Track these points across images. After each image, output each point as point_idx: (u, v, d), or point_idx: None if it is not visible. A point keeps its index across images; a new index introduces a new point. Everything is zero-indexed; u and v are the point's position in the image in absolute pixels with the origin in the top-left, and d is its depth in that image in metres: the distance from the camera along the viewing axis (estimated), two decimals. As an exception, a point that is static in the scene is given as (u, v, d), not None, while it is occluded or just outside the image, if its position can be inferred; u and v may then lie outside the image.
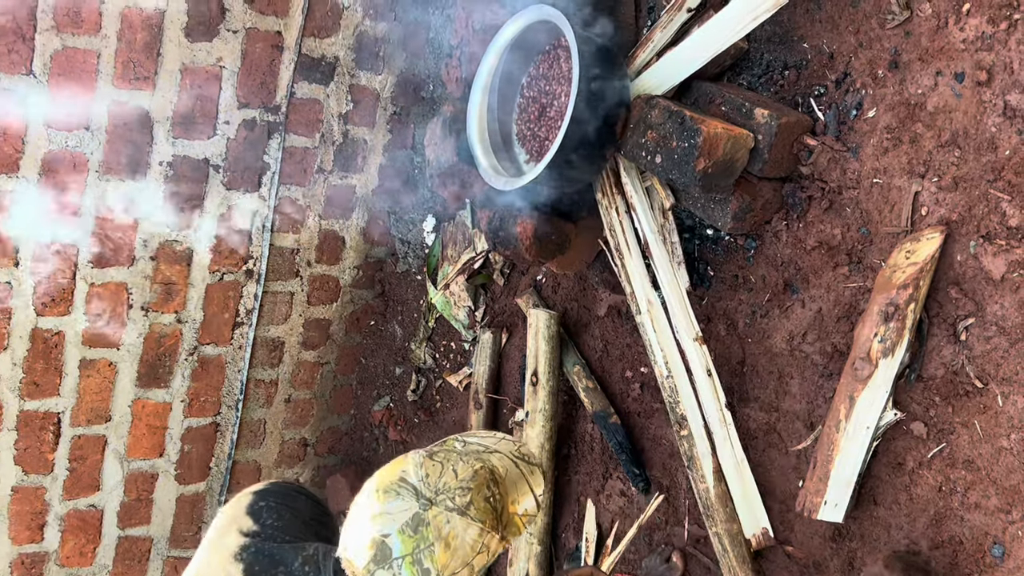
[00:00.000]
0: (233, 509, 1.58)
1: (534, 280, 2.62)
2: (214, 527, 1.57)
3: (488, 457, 1.43)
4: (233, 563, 1.49)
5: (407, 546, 1.31)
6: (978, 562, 1.60)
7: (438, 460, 1.38)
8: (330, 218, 3.01)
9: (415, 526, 1.31)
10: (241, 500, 1.60)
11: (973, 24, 1.61)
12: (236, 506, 1.59)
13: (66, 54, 2.43)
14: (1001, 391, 1.57)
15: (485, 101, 2.30)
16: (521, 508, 1.44)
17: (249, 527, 1.53)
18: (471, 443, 1.46)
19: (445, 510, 1.32)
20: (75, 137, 2.52)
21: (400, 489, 1.34)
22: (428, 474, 1.35)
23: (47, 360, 2.69)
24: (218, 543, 1.53)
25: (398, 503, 1.33)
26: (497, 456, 1.44)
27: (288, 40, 2.70)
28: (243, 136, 2.74)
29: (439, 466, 1.37)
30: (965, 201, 1.62)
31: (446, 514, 1.32)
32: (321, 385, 3.26)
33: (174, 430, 2.98)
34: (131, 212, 2.65)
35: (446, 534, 1.32)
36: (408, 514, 1.32)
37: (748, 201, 1.89)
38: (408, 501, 1.33)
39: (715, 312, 2.00)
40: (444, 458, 1.38)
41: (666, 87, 1.96)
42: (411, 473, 1.36)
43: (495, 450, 1.45)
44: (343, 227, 3.05)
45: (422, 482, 1.34)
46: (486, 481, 1.38)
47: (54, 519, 2.86)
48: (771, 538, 1.90)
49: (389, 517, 1.32)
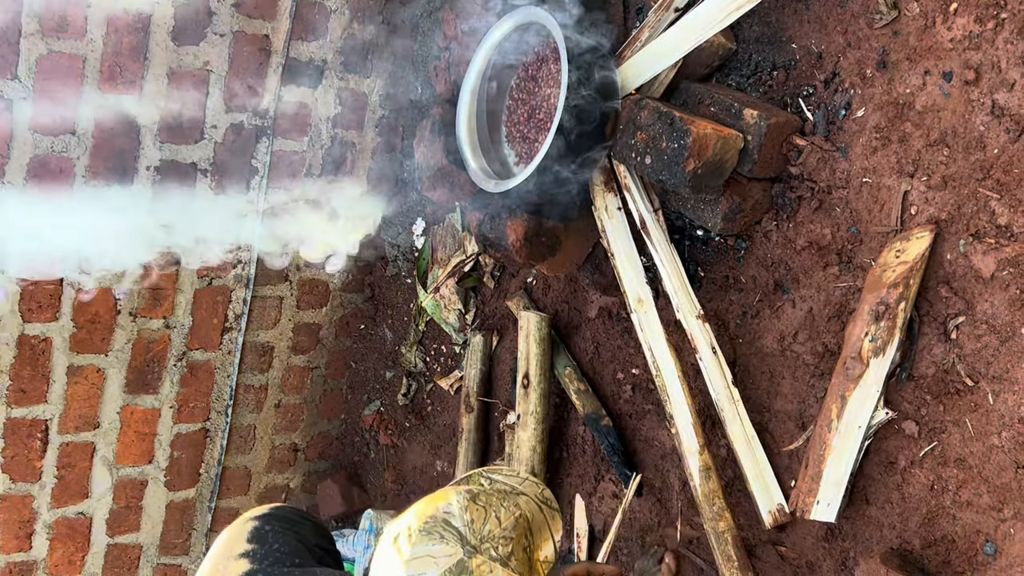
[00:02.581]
0: (235, 533, 1.56)
1: (524, 282, 2.61)
2: (215, 551, 1.55)
3: (517, 500, 1.40)
4: (241, 573, 1.47)
5: None
6: (970, 560, 1.61)
7: (481, 504, 1.35)
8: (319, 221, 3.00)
9: (458, 573, 1.28)
10: (244, 525, 1.58)
11: (961, 23, 1.61)
12: (239, 530, 1.56)
13: (51, 58, 2.41)
14: (992, 389, 1.57)
15: (474, 103, 2.29)
16: (543, 555, 1.41)
17: (253, 551, 1.51)
18: (497, 481, 1.43)
19: (489, 559, 1.30)
20: (61, 142, 2.50)
21: (444, 532, 1.31)
22: (473, 519, 1.33)
23: (34, 367, 2.67)
24: (221, 568, 1.51)
25: (442, 547, 1.30)
26: (524, 500, 1.41)
27: (276, 43, 2.69)
28: (231, 140, 2.73)
29: (483, 511, 1.34)
30: (954, 200, 1.63)
31: (489, 564, 1.30)
32: (311, 390, 3.25)
33: (163, 436, 2.96)
34: (118, 217, 2.64)
35: None
36: (452, 560, 1.29)
37: (738, 202, 1.89)
38: (453, 546, 1.30)
39: (705, 313, 1.99)
40: (486, 502, 1.36)
41: (648, 76, 1.96)
42: (456, 515, 1.33)
43: (521, 492, 1.42)
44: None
45: (467, 527, 1.32)
46: (525, 531, 1.36)
47: (42, 527, 2.83)
48: (787, 514, 1.88)
49: (432, 560, 1.29)
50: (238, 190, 2.79)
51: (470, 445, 2.71)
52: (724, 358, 1.96)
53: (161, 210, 2.68)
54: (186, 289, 2.82)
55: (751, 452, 1.93)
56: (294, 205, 2.88)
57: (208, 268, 2.83)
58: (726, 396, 1.94)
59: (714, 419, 1.99)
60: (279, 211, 2.87)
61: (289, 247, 2.93)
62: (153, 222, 2.68)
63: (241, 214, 2.82)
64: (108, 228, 2.63)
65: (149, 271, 2.72)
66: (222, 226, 2.80)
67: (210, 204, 2.76)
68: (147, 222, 2.67)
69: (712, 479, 1.93)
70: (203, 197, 2.74)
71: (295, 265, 3.00)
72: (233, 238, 2.84)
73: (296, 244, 2.90)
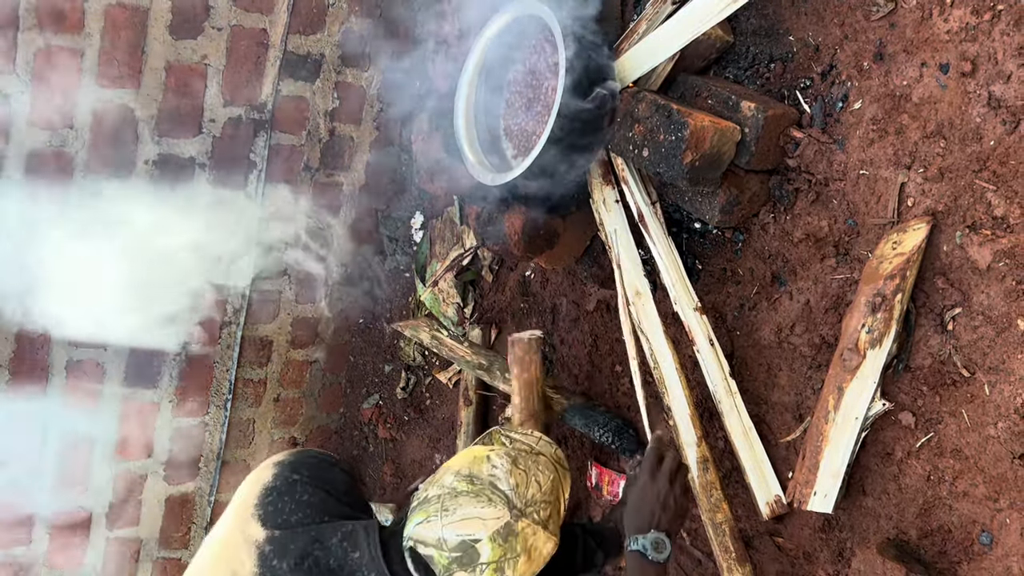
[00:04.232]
0: (254, 488, 1.54)
1: (523, 276, 2.62)
2: (243, 498, 1.53)
3: (538, 460, 1.43)
4: (263, 537, 1.46)
5: (496, 553, 1.32)
6: (966, 550, 1.61)
7: (522, 468, 1.39)
8: (317, 216, 3.00)
9: (506, 535, 1.33)
10: (272, 469, 1.56)
11: (957, 15, 1.62)
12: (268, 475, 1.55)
13: (49, 52, 2.41)
14: (988, 380, 1.58)
15: (472, 96, 2.29)
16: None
17: (275, 510, 1.49)
18: (516, 440, 1.46)
19: (532, 523, 1.35)
20: (59, 136, 2.50)
21: (493, 495, 1.35)
22: (518, 484, 1.37)
23: (33, 361, 2.67)
24: (243, 517, 1.50)
25: (491, 510, 1.34)
26: (543, 460, 1.44)
27: (273, 37, 2.69)
28: (229, 134, 2.73)
29: (525, 475, 1.38)
30: (951, 192, 1.63)
31: (533, 527, 1.35)
32: (310, 384, 3.25)
33: (162, 430, 2.96)
34: (117, 211, 2.64)
35: (529, 546, 1.34)
36: (501, 523, 1.33)
37: (735, 194, 1.89)
38: (500, 509, 1.34)
39: (703, 305, 2.00)
40: (526, 467, 1.40)
41: (646, 68, 1.96)
42: (501, 479, 1.37)
43: (539, 452, 1.45)
44: (330, 225, 3.04)
45: (513, 492, 1.36)
46: (557, 494, 1.40)
47: (42, 521, 2.84)
48: (784, 505, 1.88)
49: (480, 522, 1.33)
50: (236, 184, 2.79)
51: (469, 438, 2.71)
52: (722, 350, 1.97)
53: (159, 204, 2.69)
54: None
55: (748, 444, 1.93)
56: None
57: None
58: (723, 388, 1.95)
59: (712, 411, 2.00)
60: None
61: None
62: (151, 216, 2.68)
63: (239, 208, 2.83)
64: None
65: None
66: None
67: (208, 198, 2.76)
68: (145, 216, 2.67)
69: (710, 470, 1.94)
70: (201, 191, 2.74)
71: (293, 259, 3.01)
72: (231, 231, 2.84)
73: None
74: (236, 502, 1.55)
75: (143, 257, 2.70)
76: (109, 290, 2.66)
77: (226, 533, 1.52)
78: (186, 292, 2.82)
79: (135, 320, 2.75)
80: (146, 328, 2.75)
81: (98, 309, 2.67)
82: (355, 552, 1.42)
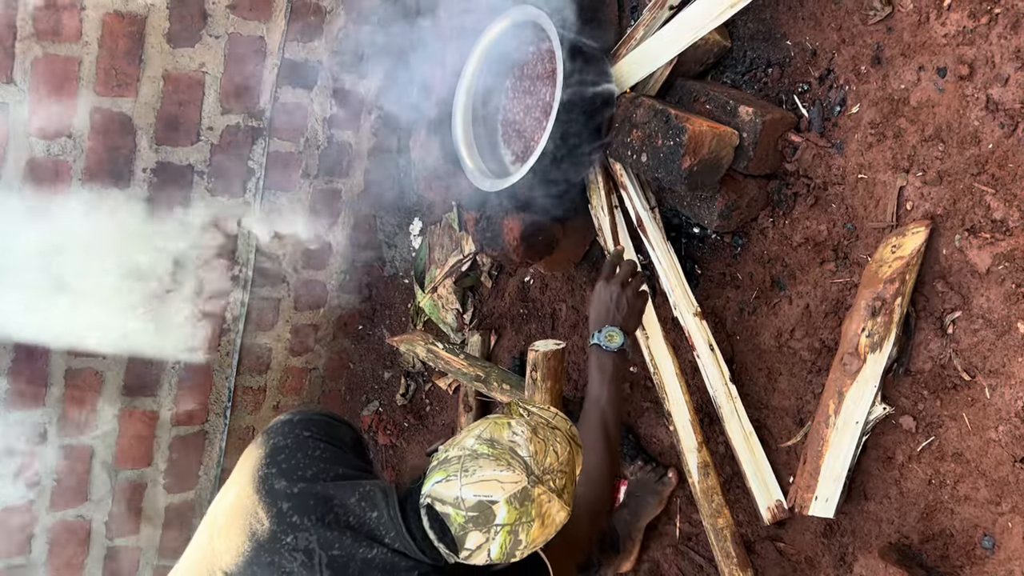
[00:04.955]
0: (273, 437, 1.53)
1: (522, 281, 2.62)
2: (253, 459, 1.52)
3: (554, 434, 1.45)
4: (281, 493, 1.46)
5: (511, 516, 1.34)
6: (969, 554, 1.61)
7: (541, 438, 1.41)
8: (316, 223, 2.99)
9: (522, 500, 1.34)
10: (282, 428, 1.55)
11: (954, 19, 1.62)
12: (276, 434, 1.54)
13: (47, 61, 2.41)
14: (988, 383, 1.58)
15: (470, 102, 2.29)
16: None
17: (290, 466, 1.48)
18: (534, 414, 1.47)
19: (548, 490, 1.36)
20: (57, 144, 2.50)
21: (512, 460, 1.36)
22: (536, 452, 1.38)
23: (32, 370, 2.67)
24: (256, 475, 1.48)
25: (509, 473, 1.35)
26: (559, 434, 1.45)
27: (271, 45, 2.69)
28: (227, 142, 2.73)
29: (544, 444, 1.40)
30: (950, 195, 1.63)
31: (548, 494, 1.36)
32: (309, 391, 3.24)
33: (162, 439, 2.96)
34: (115, 220, 2.63)
35: (543, 512, 1.36)
36: (518, 487, 1.34)
37: (734, 199, 1.89)
38: (519, 474, 1.35)
39: (703, 310, 2.00)
40: (545, 436, 1.42)
41: (643, 74, 1.97)
42: (521, 445, 1.39)
43: (556, 427, 1.46)
44: (329, 232, 3.04)
45: (532, 458, 1.37)
46: (573, 466, 1.43)
47: (41, 531, 2.83)
48: (785, 510, 1.88)
49: (499, 484, 1.34)
50: (235, 192, 2.79)
51: (469, 444, 2.70)
52: (722, 355, 1.97)
53: (158, 212, 2.68)
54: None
55: (749, 449, 1.93)
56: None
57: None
58: (724, 393, 1.94)
59: (712, 416, 2.00)
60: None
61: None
62: (149, 224, 2.68)
63: (238, 215, 2.82)
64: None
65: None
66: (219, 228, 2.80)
67: (206, 206, 2.75)
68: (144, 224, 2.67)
69: (711, 476, 1.94)
70: (199, 199, 2.74)
71: (292, 267, 3.00)
72: (231, 240, 2.84)
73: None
74: (245, 464, 1.54)
75: (141, 265, 2.70)
76: (108, 299, 2.66)
77: (238, 494, 1.51)
78: (184, 299, 2.82)
79: (134, 329, 2.75)
80: (145, 337, 2.74)
81: (97, 319, 2.66)
82: (373, 512, 1.44)
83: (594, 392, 1.73)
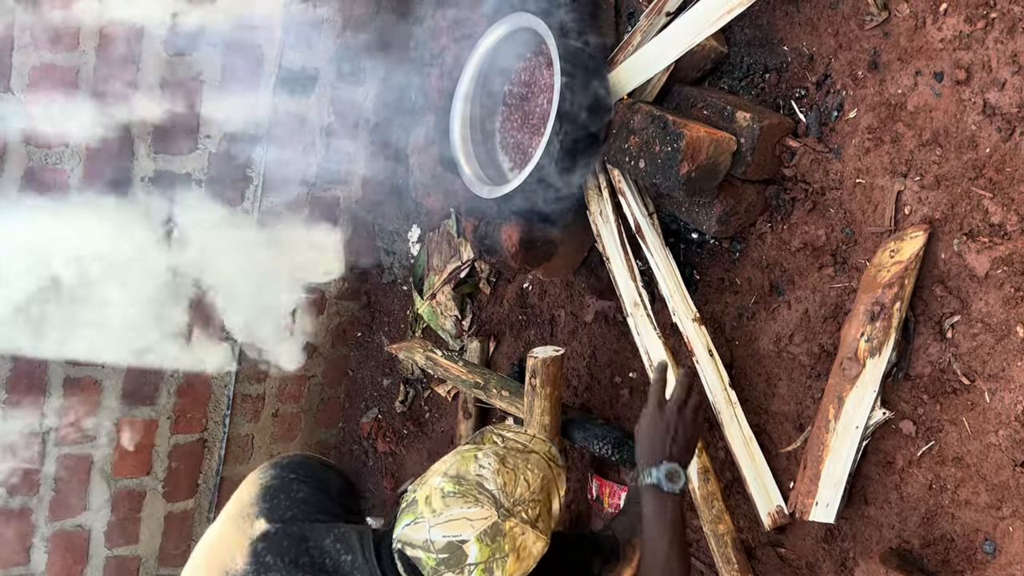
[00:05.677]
0: (251, 488, 1.55)
1: (520, 288, 2.62)
2: (239, 499, 1.54)
3: (529, 459, 1.42)
4: (257, 533, 1.46)
5: (483, 554, 1.32)
6: (970, 559, 1.61)
7: (510, 467, 1.38)
8: (314, 230, 2.99)
9: (493, 535, 1.32)
10: (262, 474, 1.57)
11: (951, 23, 1.62)
12: (255, 483, 1.56)
13: (44, 70, 2.41)
14: (988, 387, 1.58)
15: (467, 109, 2.29)
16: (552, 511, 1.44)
17: (271, 507, 1.49)
18: (509, 439, 1.45)
19: (520, 522, 1.34)
20: (55, 154, 2.50)
21: (480, 496, 1.34)
22: (505, 483, 1.36)
23: (30, 379, 2.66)
24: (235, 528, 1.50)
25: (477, 510, 1.33)
26: (535, 458, 1.43)
27: (269, 53, 2.70)
28: (225, 150, 2.73)
29: (512, 475, 1.37)
30: (948, 199, 1.63)
31: (521, 526, 1.34)
32: (308, 398, 3.24)
33: (161, 447, 2.95)
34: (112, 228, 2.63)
35: (519, 546, 1.33)
36: (488, 523, 1.33)
37: (732, 204, 1.89)
38: (488, 509, 1.33)
39: (702, 315, 2.00)
40: (514, 465, 1.39)
41: (640, 80, 1.97)
42: (488, 478, 1.36)
43: (532, 450, 1.44)
44: (328, 239, 3.04)
45: (500, 491, 1.35)
46: (548, 492, 1.40)
47: (40, 540, 2.82)
48: (786, 515, 1.88)
49: (468, 523, 1.32)
50: (233, 200, 2.79)
51: (468, 451, 2.70)
52: (721, 360, 1.97)
53: (155, 221, 2.68)
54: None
55: (749, 454, 1.93)
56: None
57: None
58: (723, 398, 1.94)
59: (712, 421, 1.99)
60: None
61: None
62: (148, 233, 2.68)
63: (236, 223, 2.82)
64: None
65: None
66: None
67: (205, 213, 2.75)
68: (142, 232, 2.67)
69: (711, 481, 1.94)
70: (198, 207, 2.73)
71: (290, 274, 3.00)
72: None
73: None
74: (232, 503, 1.56)
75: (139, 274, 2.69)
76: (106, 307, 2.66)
77: (220, 532, 1.53)
78: (183, 309, 2.81)
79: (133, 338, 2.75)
80: (144, 346, 2.74)
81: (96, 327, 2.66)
82: (348, 555, 1.43)
83: (658, 546, 1.47)
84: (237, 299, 2.79)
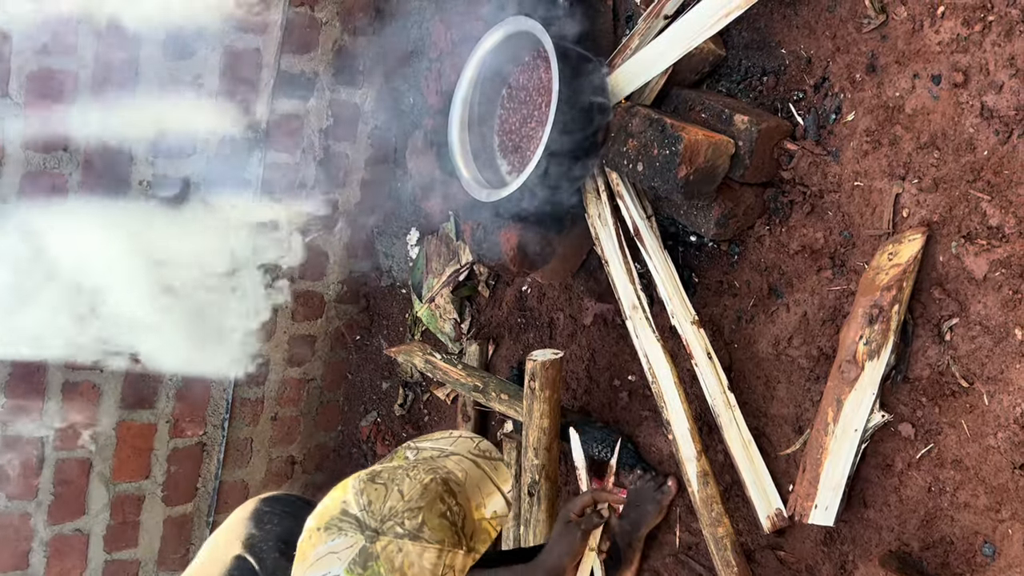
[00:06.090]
0: (237, 518, 1.57)
1: (519, 291, 2.62)
2: (220, 529, 1.56)
3: (444, 463, 1.32)
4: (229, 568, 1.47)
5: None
6: (969, 562, 1.61)
7: (381, 482, 1.27)
8: (313, 234, 2.99)
9: (363, 562, 1.21)
10: (246, 508, 1.58)
11: (948, 27, 1.62)
12: (240, 515, 1.58)
13: (42, 75, 2.41)
14: (987, 390, 1.58)
15: (466, 113, 2.30)
16: (489, 511, 1.33)
17: (250, 536, 1.50)
18: (425, 449, 1.37)
19: (395, 538, 1.22)
20: (53, 158, 2.50)
21: (342, 523, 1.24)
22: (371, 501, 1.25)
23: (29, 383, 2.66)
24: (222, 547, 1.52)
25: (341, 539, 1.22)
26: (454, 460, 1.34)
27: (267, 56, 2.70)
28: (224, 153, 2.73)
29: (382, 488, 1.26)
30: (946, 202, 1.63)
31: (396, 542, 1.22)
32: (307, 402, 3.24)
33: (160, 451, 2.95)
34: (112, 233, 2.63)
35: (400, 564, 1.21)
36: (354, 550, 1.21)
37: (730, 207, 1.89)
38: (352, 535, 1.22)
39: (700, 318, 2.00)
40: (388, 478, 1.27)
41: (638, 83, 1.97)
42: (352, 503, 1.25)
43: (452, 452, 1.35)
44: (326, 242, 3.04)
45: (364, 511, 1.24)
46: (438, 495, 1.27)
47: (39, 545, 2.82)
48: (785, 518, 1.87)
49: (334, 557, 1.22)
50: (231, 203, 2.79)
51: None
52: (720, 363, 1.97)
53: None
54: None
55: (748, 457, 1.93)
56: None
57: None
58: (722, 401, 1.94)
59: (711, 424, 1.99)
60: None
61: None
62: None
63: (235, 227, 2.82)
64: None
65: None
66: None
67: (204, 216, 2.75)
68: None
69: (710, 484, 1.93)
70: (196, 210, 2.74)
71: (289, 277, 3.00)
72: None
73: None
74: (217, 533, 1.58)
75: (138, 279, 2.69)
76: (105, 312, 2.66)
77: (202, 561, 1.55)
78: (182, 313, 2.81)
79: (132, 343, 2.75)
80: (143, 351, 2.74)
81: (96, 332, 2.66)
82: None
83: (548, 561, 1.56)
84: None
